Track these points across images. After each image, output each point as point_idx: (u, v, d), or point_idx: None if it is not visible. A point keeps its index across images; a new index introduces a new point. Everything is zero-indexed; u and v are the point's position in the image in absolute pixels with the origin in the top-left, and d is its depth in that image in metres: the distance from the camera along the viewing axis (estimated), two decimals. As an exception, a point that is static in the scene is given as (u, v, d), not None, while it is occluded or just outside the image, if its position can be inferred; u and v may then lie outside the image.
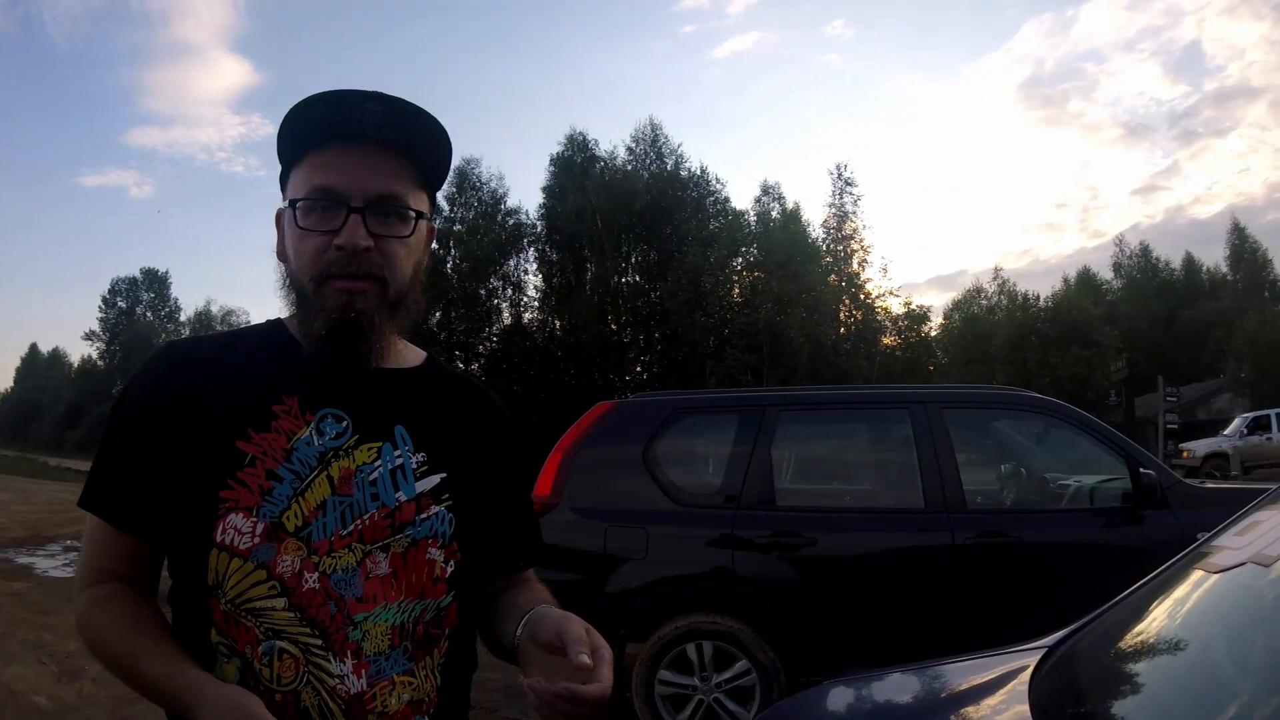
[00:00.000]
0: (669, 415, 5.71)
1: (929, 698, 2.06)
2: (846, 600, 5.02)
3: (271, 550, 1.18)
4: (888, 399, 5.66)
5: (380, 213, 1.24)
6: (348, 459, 1.25)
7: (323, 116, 1.23)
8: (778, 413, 5.53)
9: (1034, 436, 5.80)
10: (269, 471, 1.21)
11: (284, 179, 1.33)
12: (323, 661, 1.18)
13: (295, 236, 1.26)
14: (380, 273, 1.25)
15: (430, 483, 1.30)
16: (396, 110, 1.25)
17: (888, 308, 45.09)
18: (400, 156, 1.27)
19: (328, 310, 1.23)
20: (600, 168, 48.11)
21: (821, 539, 5.09)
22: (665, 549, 5.25)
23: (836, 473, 6.09)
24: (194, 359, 1.32)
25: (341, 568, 1.20)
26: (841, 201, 45.67)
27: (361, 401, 1.29)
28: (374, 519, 1.24)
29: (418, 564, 1.26)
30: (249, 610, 1.18)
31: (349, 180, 1.22)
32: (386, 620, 1.22)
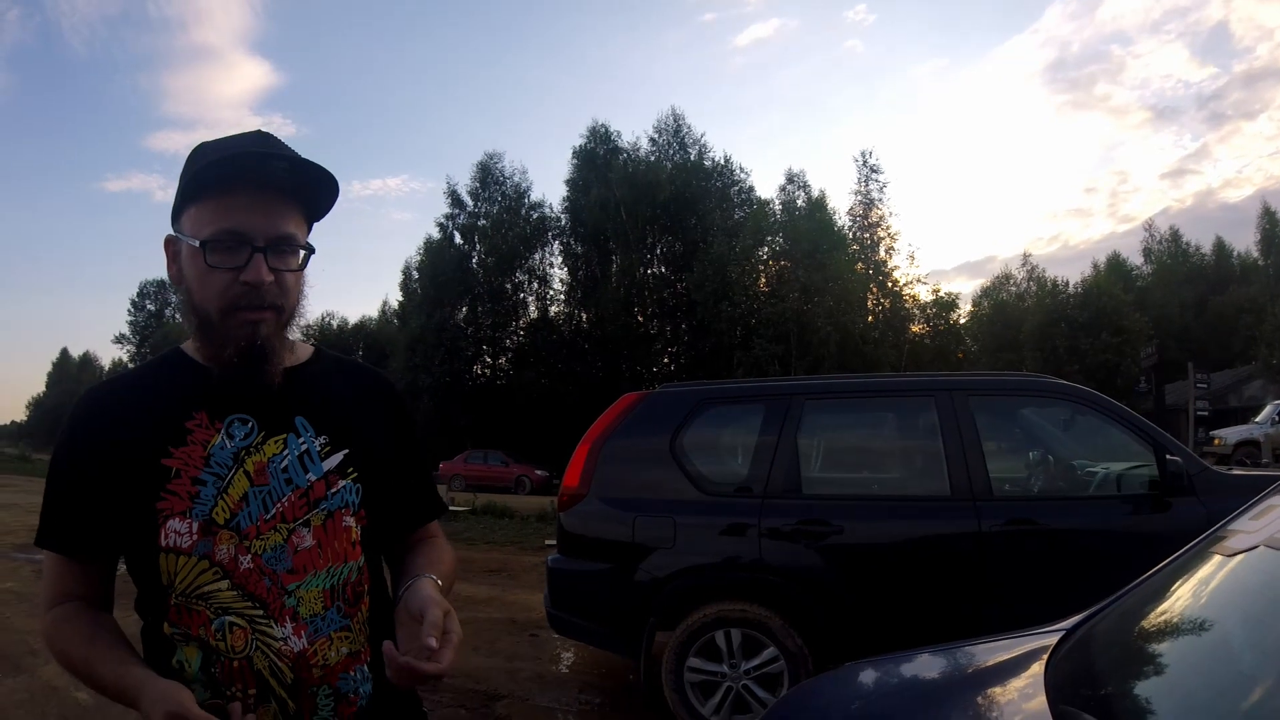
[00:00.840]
0: (695, 406, 5.74)
1: (946, 677, 2.09)
2: (873, 587, 5.03)
3: (209, 543, 1.40)
4: (913, 387, 5.64)
5: (278, 251, 1.42)
6: (259, 454, 1.46)
7: (233, 165, 1.38)
8: (803, 402, 5.54)
9: (1061, 423, 5.78)
10: (193, 478, 1.41)
11: (178, 211, 1.47)
12: (266, 628, 1.40)
13: (201, 271, 1.41)
14: (279, 301, 1.45)
15: (334, 461, 1.51)
16: (299, 167, 1.41)
17: (916, 295, 44.78)
18: (294, 202, 1.46)
19: (236, 339, 1.41)
20: (623, 159, 48.04)
21: (848, 527, 5.10)
22: (693, 538, 5.29)
23: (862, 461, 6.09)
24: (110, 399, 1.51)
25: (271, 547, 1.42)
26: (867, 189, 45.56)
27: (262, 402, 1.48)
28: (291, 500, 1.45)
29: (336, 533, 1.48)
30: (199, 596, 1.40)
31: (253, 224, 1.39)
32: (317, 585, 1.45)
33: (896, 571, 5.03)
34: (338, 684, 1.45)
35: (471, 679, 6.47)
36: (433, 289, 49.98)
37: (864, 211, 45.34)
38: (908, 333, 43.60)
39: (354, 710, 1.46)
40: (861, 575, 5.06)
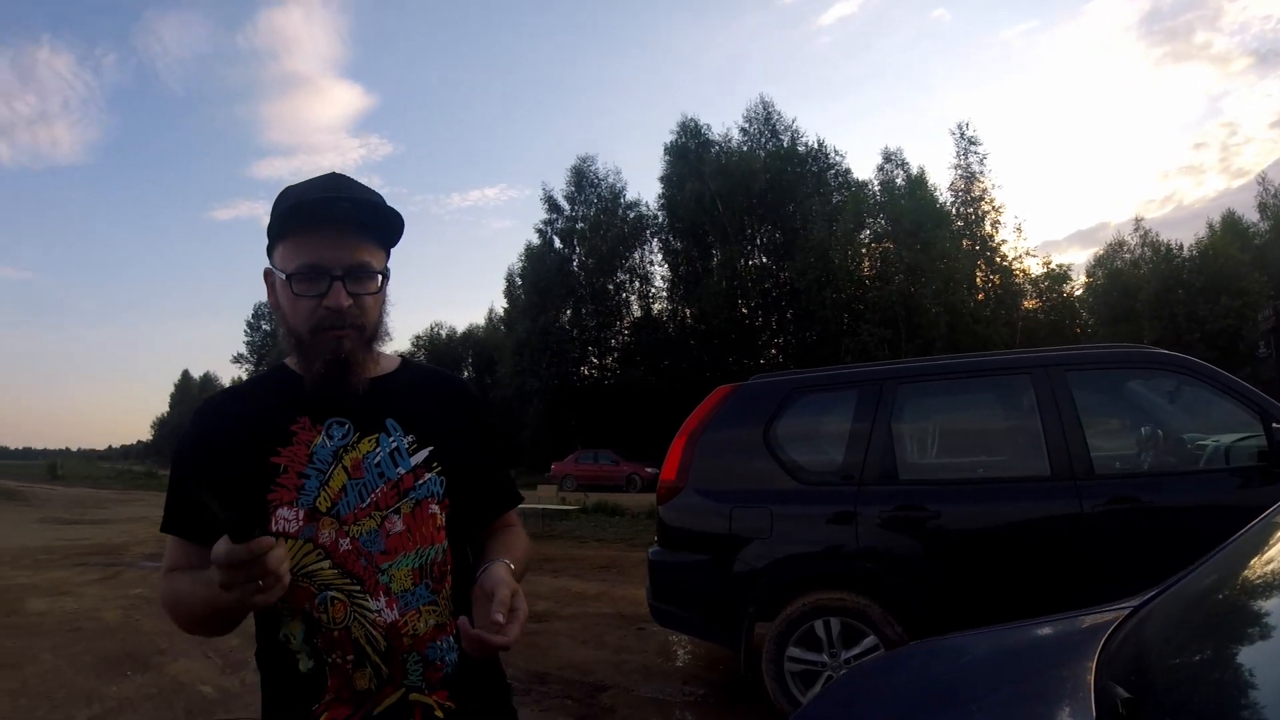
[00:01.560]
0: (787, 395, 5.71)
1: (1003, 652, 2.08)
2: (972, 573, 4.92)
3: (313, 528, 1.57)
4: (1008, 365, 5.46)
5: (355, 278, 1.59)
6: (355, 451, 1.63)
7: (309, 208, 1.57)
8: (896, 386, 5.46)
9: (1166, 395, 5.60)
10: (299, 473, 1.59)
11: (270, 248, 1.67)
12: (363, 601, 1.56)
13: (291, 299, 1.60)
14: (359, 321, 1.61)
15: (420, 456, 1.67)
16: (362, 204, 1.59)
17: (1026, 269, 43.49)
18: (365, 232, 1.62)
19: (323, 355, 1.59)
20: (715, 152, 47.82)
21: (945, 512, 5.00)
22: (789, 528, 5.27)
23: (959, 443, 5.95)
24: (224, 406, 1.72)
25: (366, 531, 1.59)
26: (967, 162, 44.41)
27: (357, 406, 1.66)
28: (384, 491, 1.61)
29: (423, 519, 1.64)
30: (304, 574, 1.56)
31: (330, 257, 1.57)
32: (407, 565, 1.60)
33: (995, 556, 4.90)
34: (426, 652, 1.59)
35: (579, 671, 6.56)
36: (536, 294, 50.42)
37: (965, 186, 44.18)
38: (1020, 309, 42.41)
39: (440, 676, 1.60)
40: (960, 560, 4.94)
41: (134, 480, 55.89)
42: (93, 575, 12.27)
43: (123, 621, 8.90)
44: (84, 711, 5.78)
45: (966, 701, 1.79)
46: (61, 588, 11.12)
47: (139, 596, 10.44)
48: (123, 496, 36.97)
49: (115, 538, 17.82)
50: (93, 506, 29.43)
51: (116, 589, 11.09)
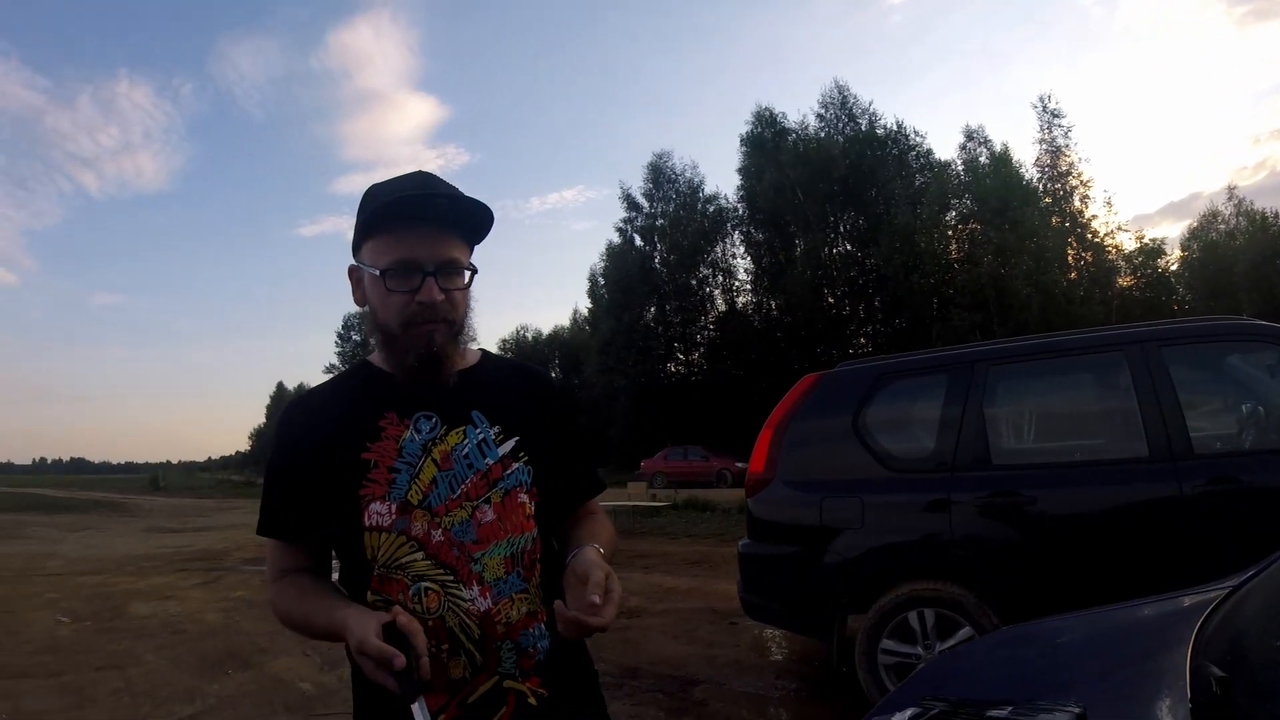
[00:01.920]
0: (875, 381, 5.62)
1: (1099, 632, 2.01)
2: (1069, 559, 4.75)
3: (406, 521, 1.58)
4: (1100, 342, 5.23)
5: (446, 273, 1.62)
6: (443, 444, 1.65)
7: (404, 205, 1.58)
8: (986, 368, 5.32)
9: (1267, 370, 5.35)
10: (389, 468, 1.61)
11: (357, 245, 1.69)
12: (456, 591, 1.58)
13: (382, 294, 1.61)
14: (450, 316, 1.64)
15: (507, 447, 1.69)
16: (457, 200, 1.61)
17: (1119, 245, 42.42)
18: (456, 231, 1.65)
19: (416, 349, 1.61)
20: (793, 140, 47.51)
21: (1040, 497, 4.85)
22: (881, 517, 5.17)
23: (1053, 425, 5.73)
24: (310, 407, 1.74)
25: (458, 522, 1.60)
26: (1051, 136, 43.43)
27: (443, 400, 1.68)
28: (473, 482, 1.63)
29: (513, 508, 1.66)
30: (398, 566, 1.59)
31: (421, 253, 1.58)
32: (499, 554, 1.62)
33: (1093, 541, 4.72)
34: (518, 639, 1.61)
35: (671, 665, 6.57)
36: (619, 292, 50.66)
37: (1051, 160, 43.06)
38: (1114, 286, 41.42)
39: (532, 663, 1.62)
40: (1056, 547, 4.78)
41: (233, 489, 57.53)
42: (195, 580, 12.68)
43: (224, 623, 9.17)
44: (186, 708, 5.95)
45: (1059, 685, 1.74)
46: (165, 592, 11.49)
47: (240, 599, 10.77)
48: (223, 505, 38.25)
49: (216, 544, 18.45)
50: (194, 515, 30.44)
51: (218, 592, 11.43)
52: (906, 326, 42.32)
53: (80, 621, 9.28)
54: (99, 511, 33.56)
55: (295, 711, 5.82)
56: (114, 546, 18.10)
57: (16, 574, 13.35)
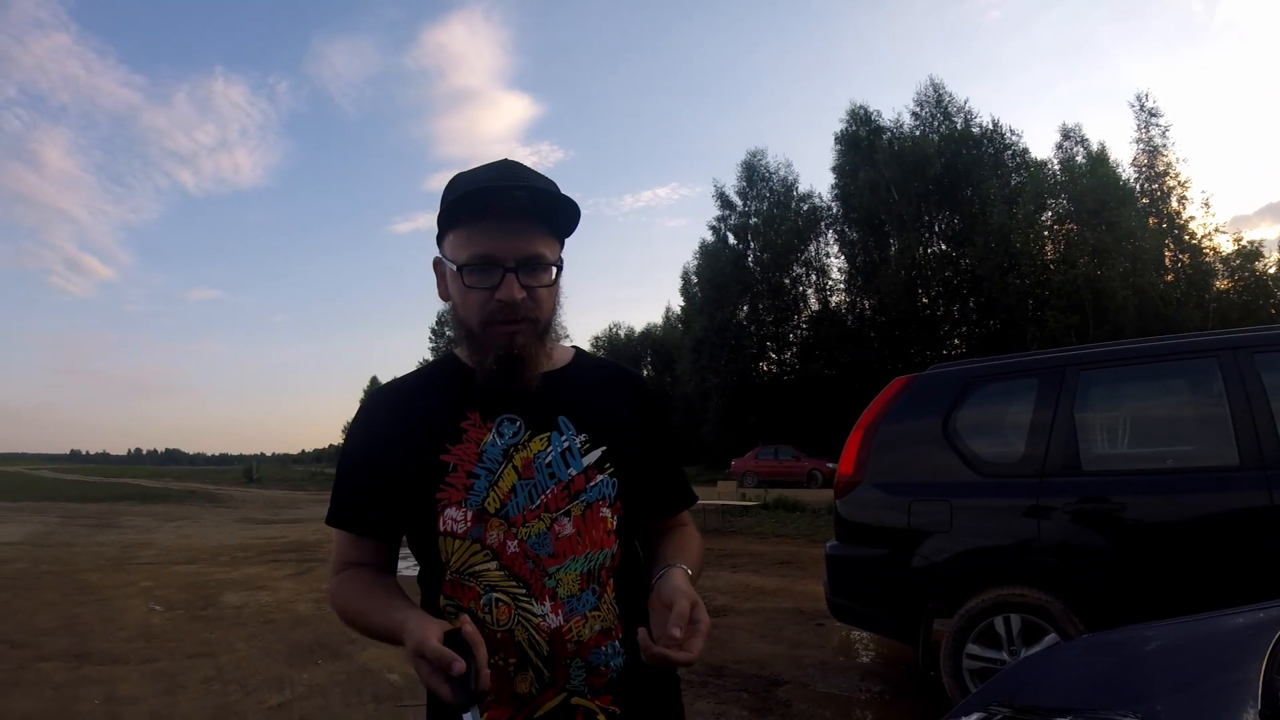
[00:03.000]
0: (966, 384, 5.60)
1: (1174, 643, 2.02)
2: (1157, 568, 4.68)
3: (481, 529, 1.52)
4: (1193, 348, 5.17)
5: (528, 269, 1.53)
6: (525, 450, 1.57)
7: (481, 197, 1.49)
8: (1078, 372, 5.28)
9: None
10: (468, 472, 1.55)
11: (440, 237, 1.61)
12: (528, 605, 1.52)
13: (461, 291, 1.55)
14: (532, 314, 1.55)
15: (593, 457, 1.60)
16: (537, 193, 1.50)
17: (1217, 247, 41.34)
18: (540, 224, 1.54)
19: (495, 348, 1.54)
20: (887, 138, 47.00)
21: (1130, 504, 4.80)
22: (969, 521, 5.16)
23: (1143, 431, 5.63)
24: (392, 398, 1.68)
25: (535, 534, 1.53)
26: (1149, 135, 42.43)
27: (529, 403, 1.60)
28: (554, 493, 1.55)
29: (594, 522, 1.58)
30: (470, 574, 1.54)
31: (502, 247, 1.51)
32: (575, 569, 1.55)
33: (1181, 549, 4.66)
34: (589, 657, 1.54)
35: (756, 664, 6.60)
36: (712, 291, 50.58)
37: (1148, 161, 42.06)
38: (1211, 289, 40.35)
39: (604, 681, 1.55)
40: (1144, 554, 4.72)
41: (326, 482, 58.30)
42: (286, 570, 12.92)
43: (314, 613, 9.35)
44: (275, 696, 6.10)
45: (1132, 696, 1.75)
46: (256, 582, 11.74)
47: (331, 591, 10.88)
48: (315, 497, 38.74)
49: (308, 535, 18.70)
50: (287, 506, 30.99)
51: (309, 583, 11.65)
52: (1001, 328, 41.67)
53: (173, 610, 9.54)
54: (193, 502, 34.23)
55: (383, 701, 5.96)
56: (207, 537, 18.50)
57: (112, 562, 13.67)
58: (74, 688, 6.26)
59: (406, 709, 5.76)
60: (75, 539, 17.41)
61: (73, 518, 23.70)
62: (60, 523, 21.68)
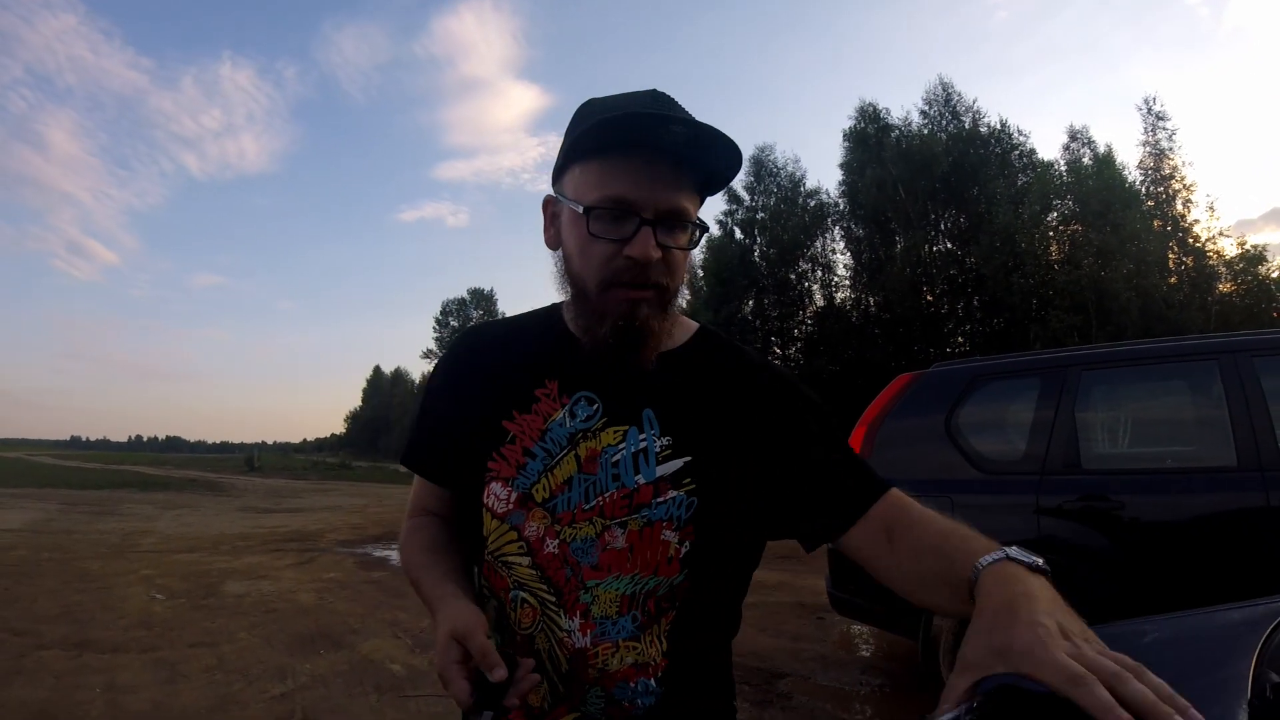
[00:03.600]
0: (969, 382, 5.65)
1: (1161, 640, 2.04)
2: (1156, 565, 4.74)
3: (522, 516, 1.34)
4: (1193, 350, 5.26)
5: (668, 226, 1.29)
6: (594, 440, 1.35)
7: (629, 125, 1.24)
8: (1080, 372, 5.34)
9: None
10: (525, 449, 1.36)
11: (560, 170, 1.38)
12: (555, 616, 1.32)
13: (583, 239, 1.30)
14: (663, 280, 1.31)
15: (671, 468, 1.33)
16: (699, 132, 1.24)
17: (1220, 250, 41.47)
18: (692, 173, 1.31)
19: (613, 316, 1.30)
20: (895, 136, 46.85)
21: (1129, 502, 4.85)
22: (970, 518, 4.99)
23: (1143, 432, 5.72)
24: (483, 344, 1.52)
25: (580, 538, 1.31)
26: (1155, 138, 42.47)
27: (614, 385, 1.37)
28: (613, 497, 1.32)
29: (653, 543, 1.31)
30: (503, 563, 1.36)
31: (642, 193, 1.26)
32: (617, 589, 1.30)
33: (1180, 548, 4.72)
34: (613, 690, 1.30)
35: (757, 657, 6.63)
36: (718, 285, 50.52)
37: (1154, 164, 42.08)
38: (1214, 292, 40.41)
39: (624, 715, 1.31)
40: (1143, 553, 4.77)
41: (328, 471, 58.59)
42: (289, 560, 12.95)
43: (317, 603, 9.38)
44: (278, 686, 6.13)
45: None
46: (258, 571, 11.76)
47: (332, 580, 11.02)
48: (318, 487, 38.82)
49: (310, 525, 18.72)
50: (289, 496, 30.95)
51: (311, 573, 11.67)
52: (1005, 327, 41.63)
53: (174, 598, 9.57)
54: (194, 490, 34.18)
55: (385, 692, 5.99)
56: (208, 525, 18.55)
57: (112, 550, 13.70)
58: (75, 676, 6.29)
59: (409, 699, 5.78)
60: (76, 526, 17.45)
61: (73, 505, 23.74)
62: (60, 510, 21.72)
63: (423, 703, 5.72)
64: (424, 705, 5.68)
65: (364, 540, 15.80)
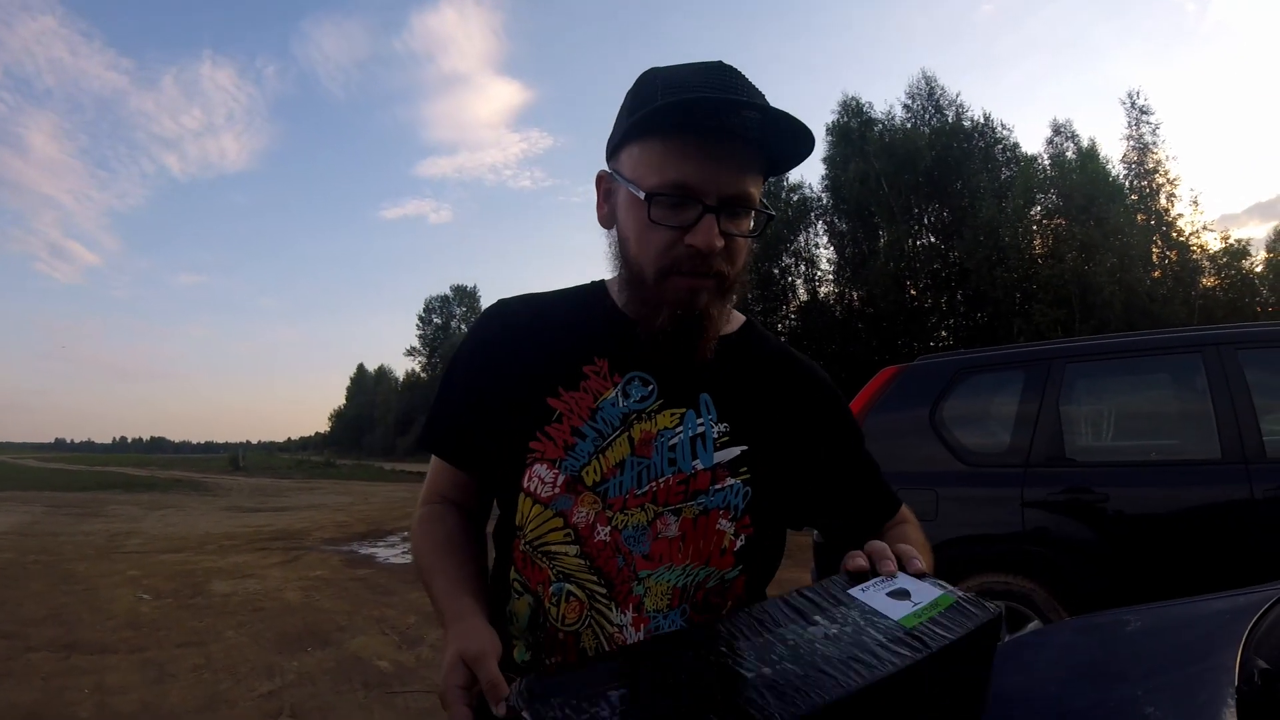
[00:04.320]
0: (953, 376, 5.67)
1: (1146, 630, 2.05)
2: (1139, 557, 4.75)
3: (569, 501, 1.27)
4: (1177, 343, 5.25)
5: (731, 212, 1.24)
6: (649, 422, 1.30)
7: (700, 109, 1.18)
8: (1064, 365, 5.35)
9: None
10: (574, 428, 1.29)
11: (616, 146, 1.32)
12: (605, 609, 1.25)
13: (641, 224, 1.25)
14: (724, 269, 1.27)
15: (729, 454, 1.31)
16: (774, 118, 1.19)
17: (1204, 244, 41.73)
18: (759, 158, 1.27)
19: (671, 305, 1.26)
20: (879, 130, 46.96)
21: (1113, 495, 4.86)
22: (955, 510, 5.21)
23: (1127, 424, 5.77)
24: (517, 317, 1.43)
25: (633, 525, 1.26)
26: (1139, 133, 42.68)
27: (670, 366, 1.33)
28: (669, 483, 1.27)
29: (707, 532, 1.27)
30: (544, 553, 1.28)
31: (706, 178, 1.21)
32: (669, 581, 1.26)
33: (1163, 540, 4.74)
34: None
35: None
36: (701, 279, 50.66)
37: (1138, 158, 42.33)
38: (1198, 286, 40.67)
39: None
40: (1127, 545, 4.80)
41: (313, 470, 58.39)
42: (275, 559, 12.90)
43: (303, 601, 9.36)
44: (265, 684, 6.12)
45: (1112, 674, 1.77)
46: (245, 570, 11.72)
47: (319, 578, 10.99)
48: (302, 485, 38.58)
49: (295, 524, 18.65)
50: (273, 495, 30.79)
51: (297, 571, 11.63)
52: (988, 321, 41.79)
53: (161, 599, 9.53)
54: (179, 490, 33.98)
55: (373, 689, 5.99)
56: (194, 525, 18.47)
57: (98, 551, 13.63)
58: (63, 677, 6.26)
59: (396, 695, 5.78)
60: (61, 528, 17.33)
61: (58, 507, 23.57)
62: (46, 512, 21.56)
63: (410, 699, 5.73)
64: (411, 701, 5.68)
65: (350, 538, 15.77)
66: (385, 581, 10.62)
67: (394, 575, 11.20)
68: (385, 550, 14.01)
